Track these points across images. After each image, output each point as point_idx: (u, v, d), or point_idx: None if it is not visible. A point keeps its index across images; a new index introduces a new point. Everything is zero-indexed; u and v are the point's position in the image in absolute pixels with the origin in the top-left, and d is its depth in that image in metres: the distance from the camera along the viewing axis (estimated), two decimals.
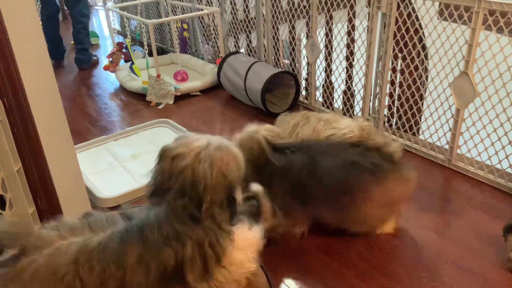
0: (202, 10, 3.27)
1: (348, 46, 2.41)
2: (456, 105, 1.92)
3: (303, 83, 2.77)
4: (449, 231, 1.66)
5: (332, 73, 2.58)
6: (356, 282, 1.46)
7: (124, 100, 3.05)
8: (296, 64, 2.81)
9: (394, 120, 2.36)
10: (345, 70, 2.48)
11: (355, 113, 2.52)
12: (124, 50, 3.48)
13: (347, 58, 2.44)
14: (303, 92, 2.79)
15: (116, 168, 2.18)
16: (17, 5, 1.20)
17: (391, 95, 2.30)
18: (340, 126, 1.58)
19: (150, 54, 3.11)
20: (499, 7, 1.69)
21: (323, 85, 2.65)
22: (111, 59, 3.41)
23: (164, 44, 4.02)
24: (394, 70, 2.23)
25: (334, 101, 2.64)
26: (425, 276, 1.46)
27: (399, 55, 2.16)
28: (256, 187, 1.32)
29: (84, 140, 2.39)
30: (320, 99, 2.72)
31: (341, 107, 2.59)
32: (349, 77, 2.48)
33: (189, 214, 0.99)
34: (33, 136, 1.22)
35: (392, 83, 2.27)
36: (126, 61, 3.51)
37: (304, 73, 2.75)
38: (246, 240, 1.10)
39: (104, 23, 5.32)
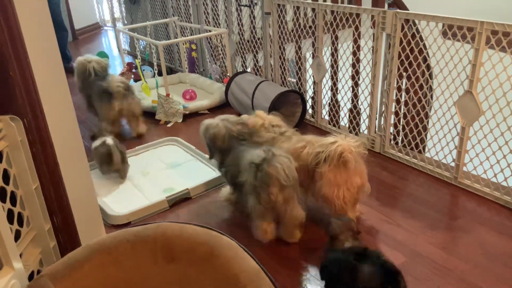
0: (210, 31, 3.35)
1: (353, 65, 2.46)
2: (461, 123, 1.95)
3: (310, 102, 2.81)
4: (456, 248, 1.67)
5: (338, 92, 2.63)
6: None
7: None
8: (303, 83, 2.86)
9: (400, 138, 2.39)
10: (351, 89, 2.53)
11: (361, 131, 2.55)
12: (133, 70, 3.55)
13: (352, 77, 2.49)
14: (310, 111, 2.83)
15: (126, 185, 2.21)
16: (37, 30, 1.26)
17: (396, 114, 2.34)
18: (327, 141, 1.68)
19: (160, 73, 3.17)
20: (501, 28, 1.73)
21: (329, 103, 2.70)
22: None
23: (173, 64, 4.10)
24: (399, 89, 2.27)
25: (340, 119, 2.68)
26: None
27: (404, 74, 2.20)
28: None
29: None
30: (327, 117, 2.76)
31: (347, 125, 2.62)
32: (355, 95, 2.52)
33: None
34: (50, 155, 1.26)
35: (398, 101, 2.30)
36: (135, 80, 3.58)
37: (310, 92, 2.80)
38: None
39: (113, 43, 5.44)
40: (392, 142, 2.38)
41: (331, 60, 2.60)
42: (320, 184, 1.68)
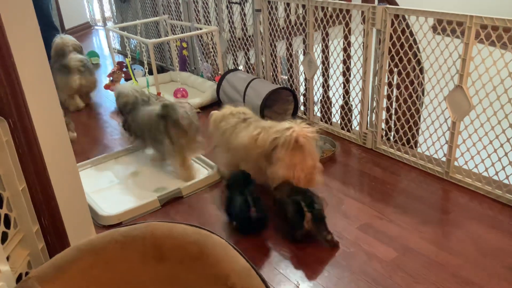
0: (201, 29, 3.33)
1: (344, 62, 2.45)
2: (452, 118, 1.95)
3: (301, 99, 2.81)
4: (448, 243, 1.67)
5: (330, 88, 2.62)
6: None
7: None
8: (294, 80, 2.86)
9: (392, 133, 2.39)
10: (342, 85, 2.52)
11: (353, 127, 2.55)
12: (124, 69, 3.53)
13: (343, 74, 2.49)
14: (302, 108, 2.83)
15: (117, 186, 2.20)
16: (22, 29, 1.24)
17: (388, 109, 2.33)
18: (282, 127, 1.81)
19: (150, 72, 3.15)
20: (490, 22, 1.73)
21: (321, 100, 2.69)
22: (111, 78, 3.46)
23: (164, 62, 4.08)
24: (390, 84, 2.27)
25: (332, 116, 2.67)
26: None
27: (395, 70, 2.20)
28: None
29: (86, 159, 2.41)
30: (318, 114, 2.76)
31: (339, 122, 2.62)
32: (346, 92, 2.52)
33: None
34: (37, 156, 1.24)
35: (389, 97, 2.30)
36: (126, 80, 3.55)
37: (302, 89, 2.79)
38: None
39: (104, 43, 5.40)
40: (383, 138, 2.38)
41: (322, 57, 2.59)
42: (277, 166, 1.80)
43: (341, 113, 2.57)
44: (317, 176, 1.88)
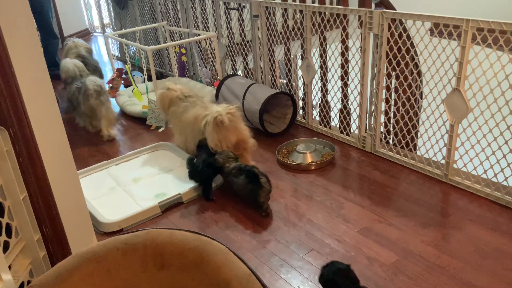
0: (199, 35, 3.35)
1: (342, 66, 2.47)
2: (450, 121, 1.96)
3: (300, 103, 2.82)
4: (448, 245, 1.67)
5: (328, 92, 2.63)
6: None
7: (124, 124, 3.10)
8: (293, 84, 2.87)
9: (391, 137, 2.40)
10: (340, 89, 2.53)
11: (351, 131, 2.56)
12: (123, 76, 3.54)
13: (342, 78, 2.50)
14: (301, 112, 2.84)
15: (118, 192, 2.20)
16: (22, 38, 1.25)
17: (386, 113, 2.34)
18: (207, 112, 2.20)
19: (150, 78, 3.17)
20: (487, 25, 1.74)
21: (319, 104, 2.70)
22: (111, 85, 3.47)
23: (163, 68, 4.09)
24: (388, 88, 2.28)
25: (331, 119, 2.68)
26: None
27: (393, 73, 2.21)
28: None
29: (86, 165, 2.42)
30: (317, 118, 2.77)
31: (338, 126, 2.63)
32: (345, 96, 2.53)
33: None
34: (38, 165, 1.25)
35: (387, 101, 2.31)
36: (126, 86, 3.56)
37: (300, 93, 2.80)
38: None
39: (103, 49, 5.42)
40: (382, 141, 2.39)
41: (320, 61, 2.61)
42: (208, 141, 2.15)
43: (339, 117, 2.58)
44: (248, 153, 2.23)
